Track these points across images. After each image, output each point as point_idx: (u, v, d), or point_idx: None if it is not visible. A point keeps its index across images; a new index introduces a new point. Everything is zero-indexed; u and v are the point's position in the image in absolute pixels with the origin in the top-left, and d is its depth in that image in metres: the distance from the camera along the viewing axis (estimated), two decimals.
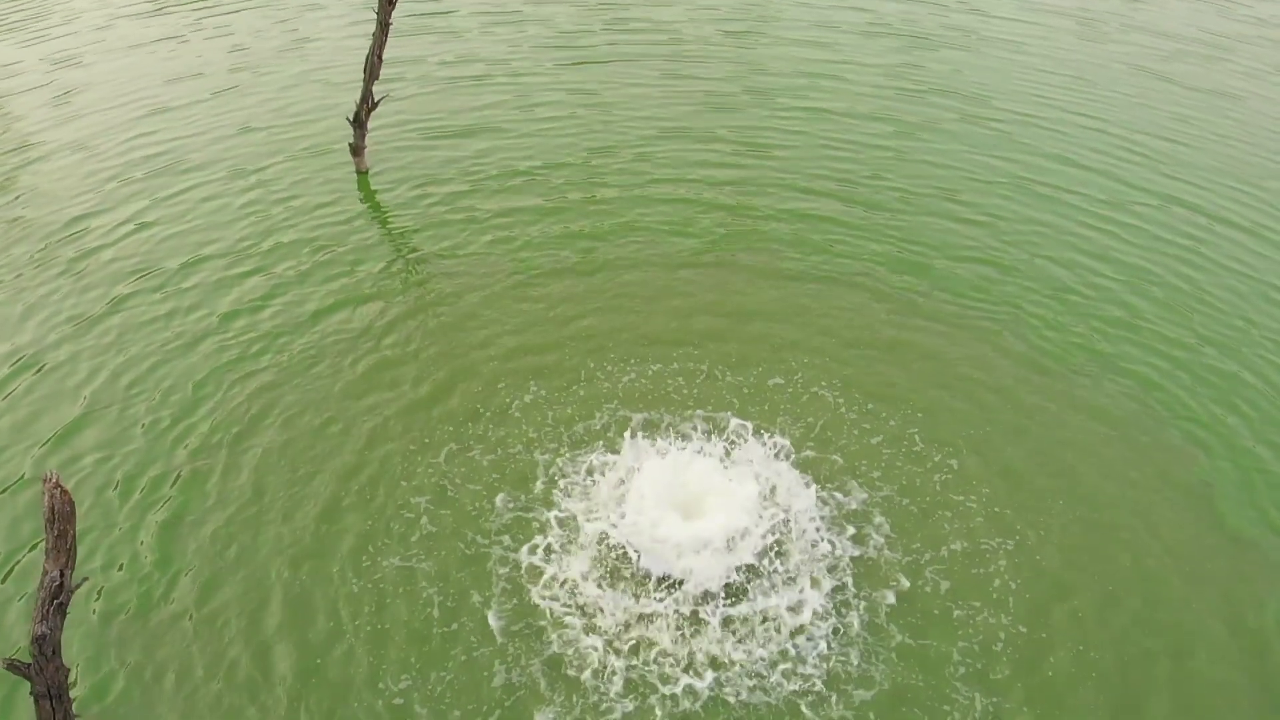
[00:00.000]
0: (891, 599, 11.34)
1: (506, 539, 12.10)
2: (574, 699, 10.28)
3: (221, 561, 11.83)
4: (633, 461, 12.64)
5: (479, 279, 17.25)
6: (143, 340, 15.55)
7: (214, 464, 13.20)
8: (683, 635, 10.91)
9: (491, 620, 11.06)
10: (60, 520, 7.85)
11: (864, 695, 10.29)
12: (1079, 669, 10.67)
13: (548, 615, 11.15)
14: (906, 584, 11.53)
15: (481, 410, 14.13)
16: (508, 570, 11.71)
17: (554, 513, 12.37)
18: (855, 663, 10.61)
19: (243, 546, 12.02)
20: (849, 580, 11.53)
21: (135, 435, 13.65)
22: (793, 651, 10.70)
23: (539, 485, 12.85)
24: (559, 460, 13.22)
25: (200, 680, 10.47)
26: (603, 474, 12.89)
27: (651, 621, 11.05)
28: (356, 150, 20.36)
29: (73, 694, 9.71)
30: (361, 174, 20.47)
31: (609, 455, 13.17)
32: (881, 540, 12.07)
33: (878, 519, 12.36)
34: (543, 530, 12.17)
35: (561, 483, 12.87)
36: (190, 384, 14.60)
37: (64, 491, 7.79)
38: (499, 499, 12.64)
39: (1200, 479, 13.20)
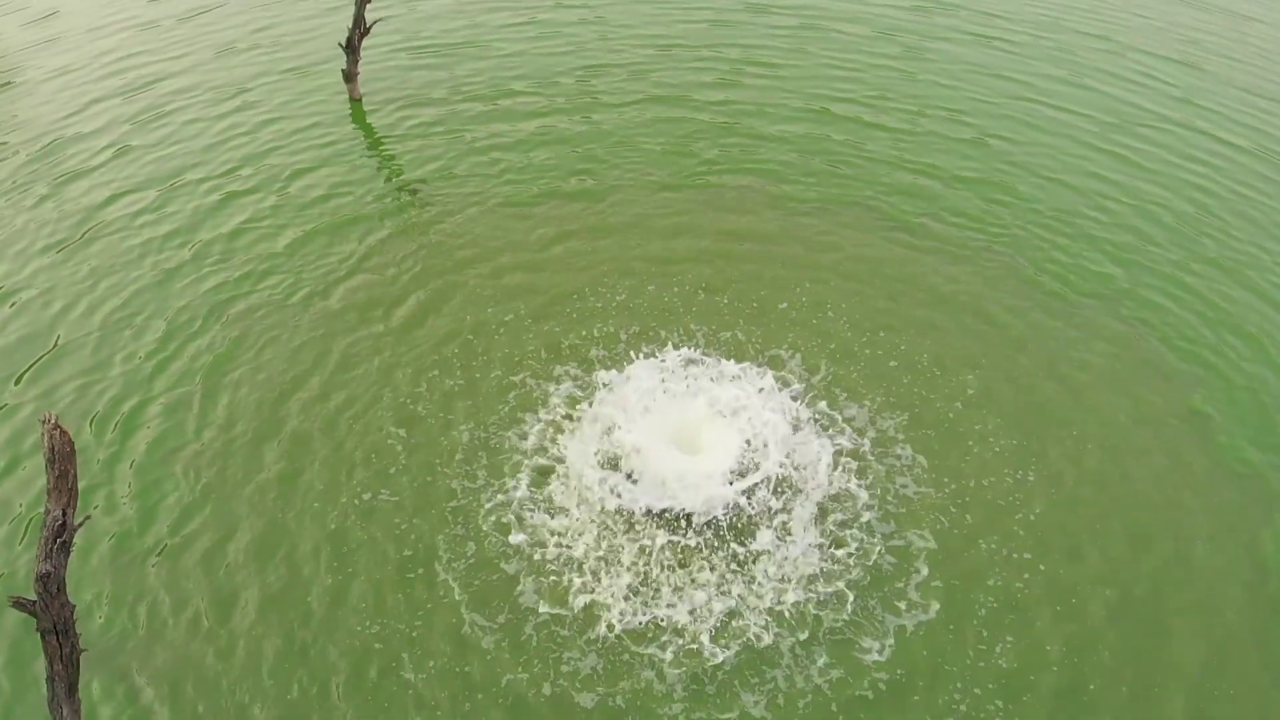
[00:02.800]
0: (925, 534, 11.10)
1: (483, 475, 11.68)
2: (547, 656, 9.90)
3: (197, 494, 11.56)
4: (630, 387, 12.25)
5: (467, 201, 16.77)
6: (120, 268, 15.14)
7: (190, 394, 12.87)
8: (675, 567, 10.62)
9: (461, 565, 10.73)
10: (60, 460, 7.68)
11: (889, 637, 10.09)
12: (1095, 606, 10.50)
13: (525, 553, 10.79)
14: (936, 518, 11.28)
15: (467, 335, 13.74)
16: (483, 508, 11.31)
17: (541, 441, 12.04)
18: (879, 600, 10.41)
19: (218, 479, 11.73)
20: (874, 515, 11.26)
21: (111, 365, 13.32)
22: (817, 586, 10.46)
23: (522, 413, 12.45)
24: (548, 383, 12.87)
25: (169, 614, 10.29)
26: (595, 400, 12.45)
27: (644, 555, 10.73)
28: (349, 77, 19.58)
29: None
30: (355, 101, 19.69)
31: (603, 379, 12.78)
32: (906, 468, 11.81)
33: (902, 449, 12.07)
34: (522, 468, 11.76)
35: (553, 406, 12.52)
36: (168, 312, 14.25)
37: (63, 431, 7.60)
38: (476, 428, 12.25)
39: (1210, 405, 13.01)
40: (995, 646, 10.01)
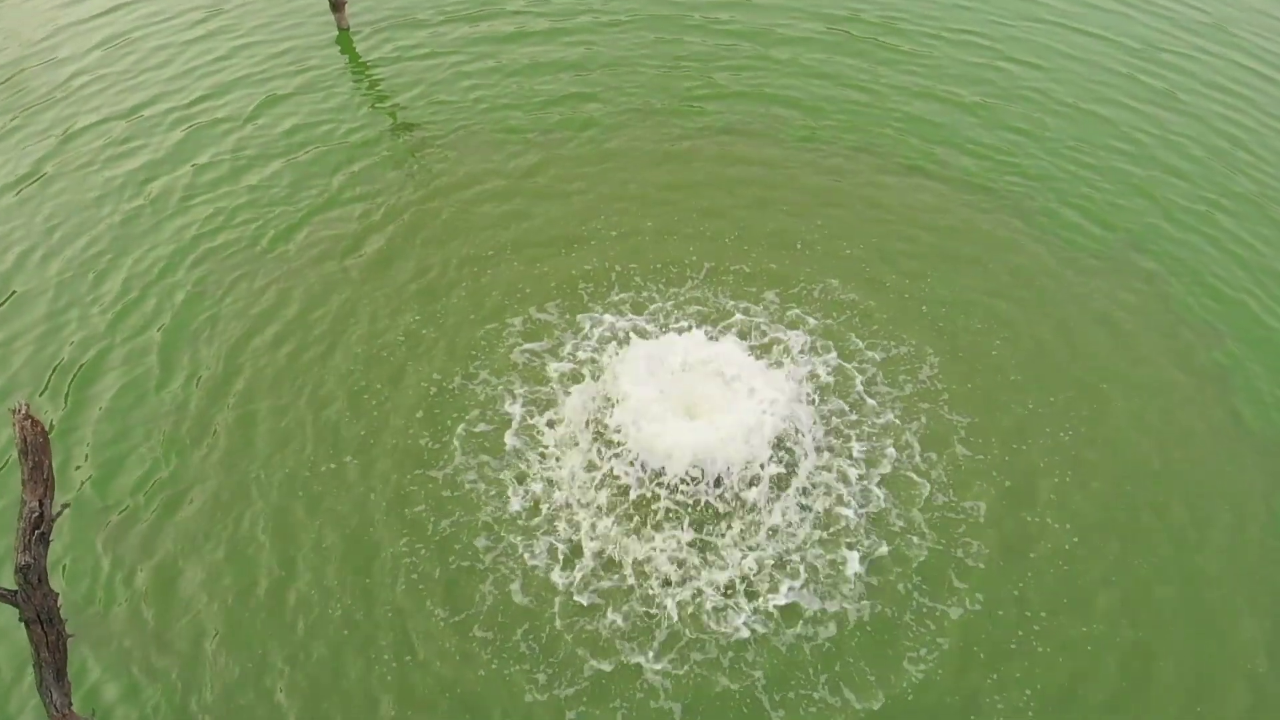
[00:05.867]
0: (976, 501, 10.50)
1: (458, 429, 10.94)
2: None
3: (158, 452, 10.81)
4: (631, 338, 11.55)
5: (451, 129, 15.74)
6: (81, 208, 14.19)
7: (151, 343, 12.02)
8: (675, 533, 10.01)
9: (430, 535, 10.06)
10: (34, 452, 6.99)
11: (931, 621, 9.52)
12: (1112, 573, 9.94)
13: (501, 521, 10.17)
14: (981, 485, 10.65)
15: (447, 273, 12.89)
16: (453, 467, 10.63)
17: (525, 392, 11.31)
18: (903, 568, 9.89)
19: (180, 435, 10.97)
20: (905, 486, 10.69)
21: (70, 314, 12.47)
22: (848, 545, 9.97)
23: (503, 360, 11.66)
24: (533, 326, 12.07)
25: (124, 580, 9.71)
26: (594, 354, 11.72)
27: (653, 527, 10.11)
28: (336, 5, 18.17)
29: None
30: (343, 30, 18.35)
31: (600, 325, 12.05)
32: (949, 432, 11.11)
33: (941, 409, 11.36)
34: (504, 421, 11.05)
35: (539, 354, 11.78)
36: (131, 255, 13.36)
37: (35, 422, 6.88)
38: (448, 378, 11.45)
39: (1242, 350, 12.31)
40: (1041, 618, 9.51)
